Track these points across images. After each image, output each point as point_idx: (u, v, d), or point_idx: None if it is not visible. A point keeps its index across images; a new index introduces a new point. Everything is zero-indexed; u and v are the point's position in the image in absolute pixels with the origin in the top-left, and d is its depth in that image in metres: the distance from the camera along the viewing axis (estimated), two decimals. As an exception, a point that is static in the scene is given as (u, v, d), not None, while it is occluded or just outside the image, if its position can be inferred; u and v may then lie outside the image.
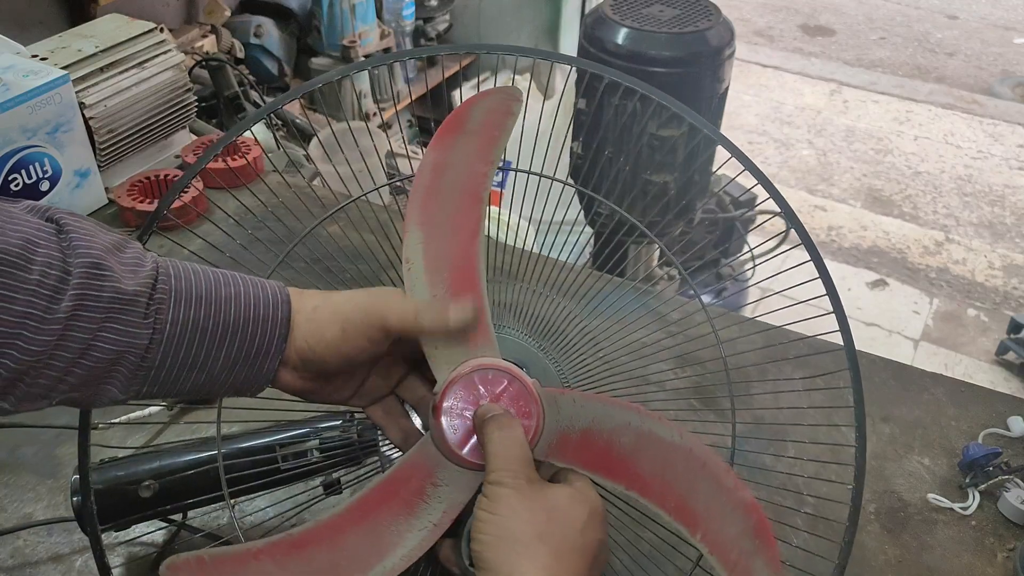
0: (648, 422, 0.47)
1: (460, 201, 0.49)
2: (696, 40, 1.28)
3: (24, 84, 0.85)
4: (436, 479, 0.46)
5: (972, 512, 0.69)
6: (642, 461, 0.47)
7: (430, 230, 0.48)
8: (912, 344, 2.19)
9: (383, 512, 0.45)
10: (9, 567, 0.63)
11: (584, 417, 0.47)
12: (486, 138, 0.51)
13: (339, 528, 0.45)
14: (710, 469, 0.46)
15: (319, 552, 0.45)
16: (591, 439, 0.47)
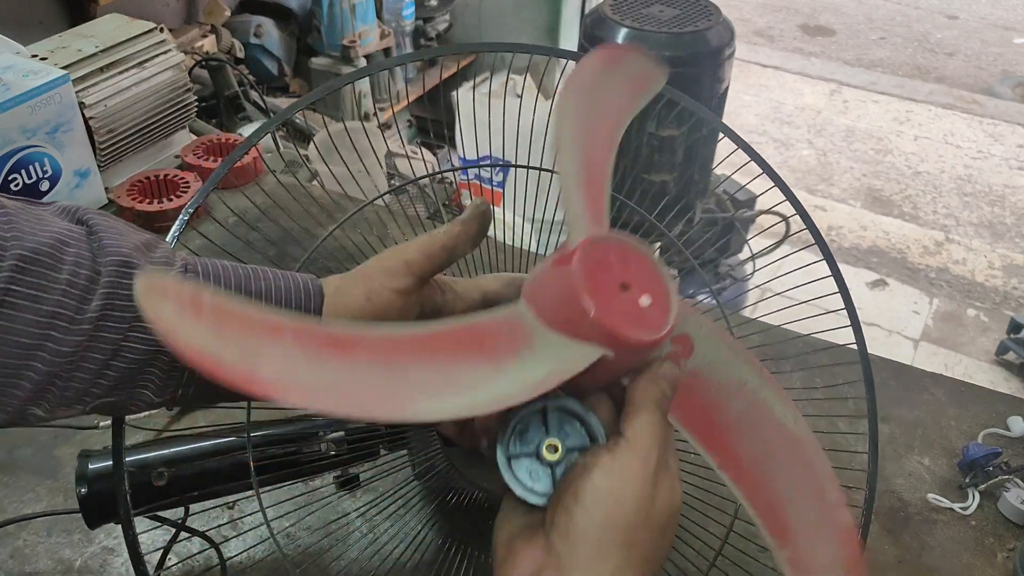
0: (766, 389, 0.39)
1: (606, 113, 0.44)
2: (696, 40, 1.28)
3: (24, 84, 0.85)
4: (534, 345, 0.35)
5: (972, 512, 0.69)
6: (746, 438, 0.38)
7: (580, 120, 0.42)
8: (912, 344, 2.19)
9: (458, 357, 0.34)
10: (9, 567, 0.63)
11: (701, 353, 0.39)
12: (632, 89, 0.46)
13: (396, 348, 0.33)
14: (816, 474, 0.39)
15: (367, 362, 0.32)
16: (697, 388, 0.38)
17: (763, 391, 0.39)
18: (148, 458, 0.54)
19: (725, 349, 0.39)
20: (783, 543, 0.38)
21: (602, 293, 0.34)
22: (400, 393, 0.32)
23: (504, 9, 2.30)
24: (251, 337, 0.30)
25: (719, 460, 0.38)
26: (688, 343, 0.39)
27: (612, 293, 0.35)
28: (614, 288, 0.35)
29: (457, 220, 0.44)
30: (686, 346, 0.38)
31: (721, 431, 0.38)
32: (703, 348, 0.39)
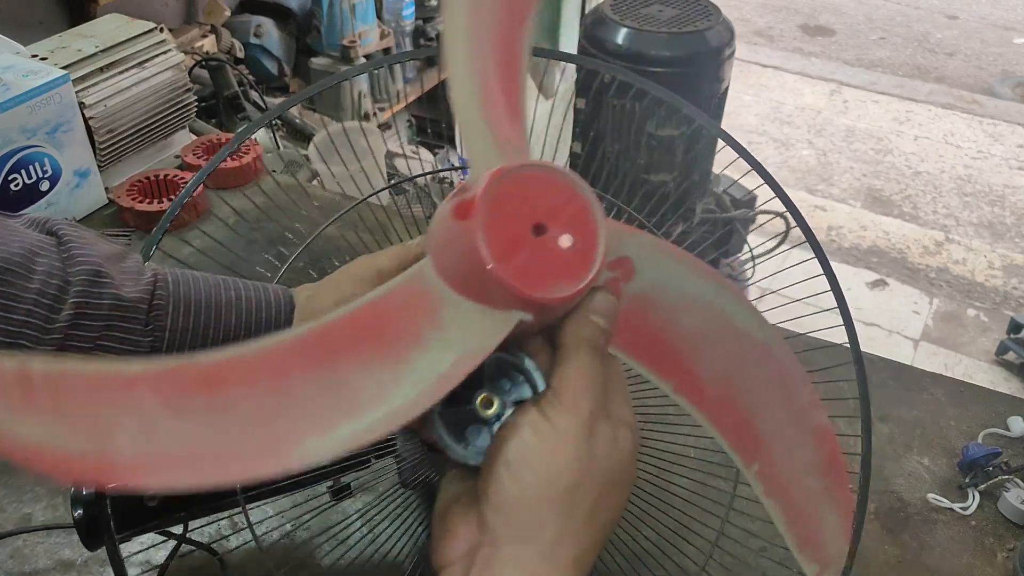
0: (724, 298, 0.35)
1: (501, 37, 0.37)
2: (696, 40, 1.28)
3: (24, 84, 0.85)
4: (440, 320, 0.30)
5: (972, 512, 0.69)
6: (704, 355, 0.34)
7: (476, 8, 0.36)
8: (912, 344, 2.19)
9: (351, 355, 0.29)
10: (9, 568, 0.63)
11: (646, 275, 0.34)
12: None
13: (279, 367, 0.28)
14: (786, 377, 0.35)
15: (242, 396, 0.27)
16: (645, 311, 0.34)
17: (720, 300, 0.35)
18: None
19: (672, 264, 0.35)
20: (752, 457, 0.34)
21: (509, 242, 0.29)
22: (283, 435, 0.27)
23: (504, 9, 2.29)
24: (101, 406, 0.25)
25: (675, 383, 0.34)
26: (628, 266, 0.34)
27: (522, 240, 0.29)
28: (525, 233, 0.29)
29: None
30: (626, 270, 0.34)
31: (674, 351, 0.34)
32: (647, 268, 0.34)
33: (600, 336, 0.32)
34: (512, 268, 0.29)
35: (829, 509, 0.36)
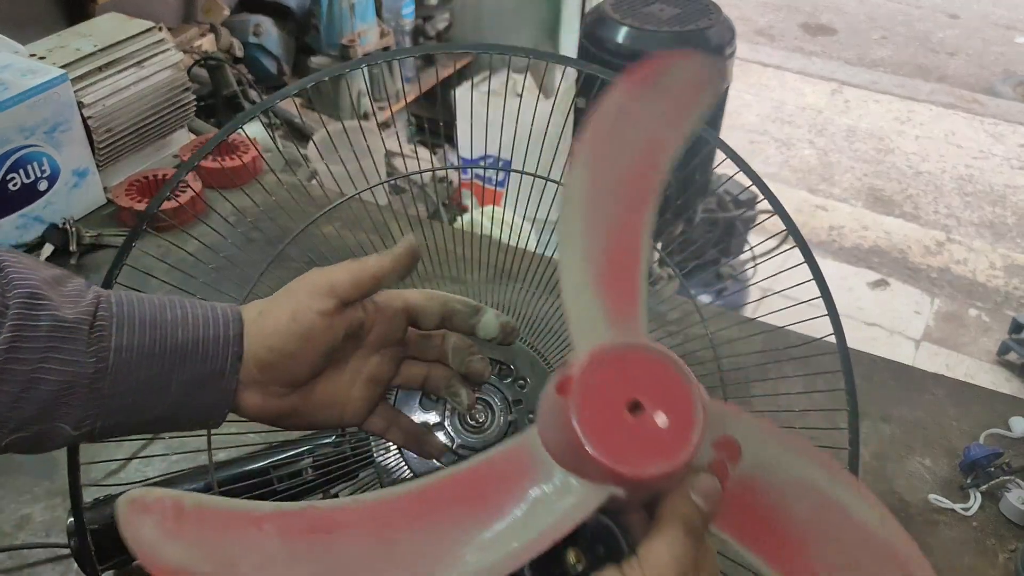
0: (839, 487, 0.33)
1: (637, 166, 0.39)
2: (696, 39, 1.28)
3: (22, 83, 0.85)
4: (539, 480, 0.32)
5: (973, 513, 0.69)
6: (819, 547, 0.32)
7: (600, 172, 0.38)
8: (913, 344, 2.19)
9: (453, 511, 0.32)
10: (8, 568, 0.63)
11: (752, 455, 0.34)
12: (676, 105, 0.41)
13: (387, 519, 0.32)
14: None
15: (351, 543, 0.31)
16: (753, 493, 0.33)
17: (835, 489, 0.33)
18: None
19: (780, 446, 0.34)
20: None
21: (604, 420, 0.31)
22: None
23: (504, 8, 2.29)
24: (231, 541, 0.30)
25: (785, 573, 0.32)
26: (734, 447, 0.34)
27: (618, 419, 0.31)
28: (620, 411, 0.31)
29: (388, 252, 0.44)
30: (732, 451, 0.34)
31: (787, 541, 0.32)
32: (754, 449, 0.34)
33: (697, 516, 0.32)
34: (606, 446, 0.30)
35: None
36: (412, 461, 0.53)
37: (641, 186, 0.39)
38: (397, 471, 0.54)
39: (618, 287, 0.37)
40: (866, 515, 0.33)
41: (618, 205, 0.39)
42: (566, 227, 0.38)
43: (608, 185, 0.39)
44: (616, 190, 0.39)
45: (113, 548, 0.55)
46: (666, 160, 0.40)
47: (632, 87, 0.41)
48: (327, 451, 0.56)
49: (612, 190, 0.39)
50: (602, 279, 0.37)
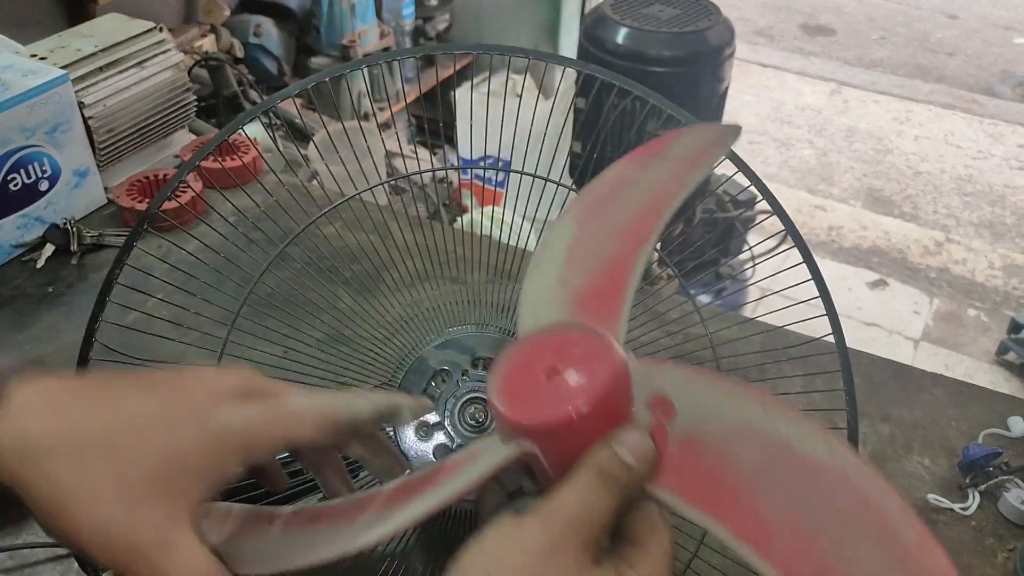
0: (783, 423, 0.31)
1: (635, 214, 0.39)
2: (696, 40, 1.28)
3: (23, 84, 0.85)
4: (466, 464, 0.35)
5: (972, 512, 0.69)
6: (768, 493, 0.30)
7: (586, 227, 0.39)
8: (912, 344, 2.19)
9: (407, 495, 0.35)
10: (8, 568, 0.63)
11: (690, 411, 0.32)
12: (686, 164, 0.41)
13: (360, 507, 0.36)
14: (877, 511, 0.29)
15: (328, 525, 0.36)
16: (695, 450, 0.31)
17: (776, 426, 0.31)
18: None
19: (711, 392, 0.33)
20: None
21: (519, 387, 0.32)
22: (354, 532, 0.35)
23: (504, 8, 2.29)
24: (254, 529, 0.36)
25: (736, 530, 0.29)
26: (666, 404, 0.33)
27: (533, 383, 0.32)
28: (537, 377, 0.32)
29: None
30: (664, 407, 0.33)
31: (734, 493, 0.30)
32: (688, 402, 0.32)
33: (618, 467, 0.30)
34: (512, 404, 0.32)
35: None
36: (412, 461, 0.53)
37: (639, 228, 0.39)
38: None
39: (593, 308, 0.37)
40: (811, 444, 0.30)
41: (609, 244, 0.39)
42: (539, 260, 0.38)
43: (598, 231, 0.39)
44: (609, 233, 0.39)
45: None
46: (669, 204, 0.39)
47: (632, 159, 0.42)
48: None
49: (603, 234, 0.39)
50: (575, 300, 0.38)
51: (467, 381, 0.54)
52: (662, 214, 0.39)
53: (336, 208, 0.58)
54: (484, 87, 2.00)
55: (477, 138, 1.68)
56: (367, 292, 0.60)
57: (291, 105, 1.64)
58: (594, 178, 0.41)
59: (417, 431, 0.54)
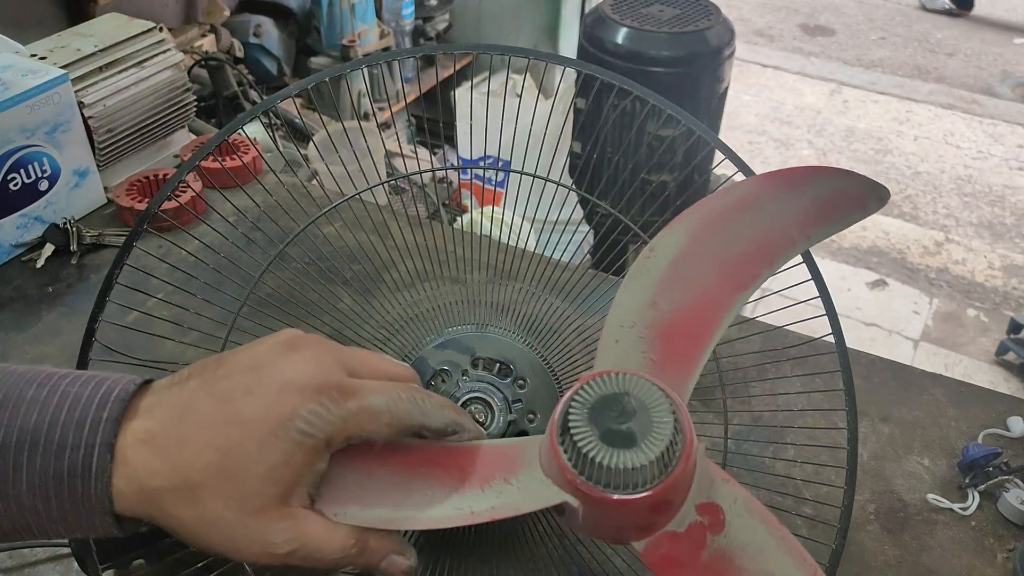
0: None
1: (745, 249, 0.39)
2: (696, 40, 1.28)
3: (23, 83, 0.85)
4: (513, 478, 0.36)
5: (972, 512, 0.69)
6: None
7: (694, 245, 0.39)
8: (912, 344, 2.19)
9: (431, 472, 0.37)
10: (8, 567, 0.63)
11: (735, 534, 0.33)
12: (818, 211, 0.40)
13: (381, 458, 0.37)
14: None
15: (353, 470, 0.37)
16: (723, 571, 0.33)
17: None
18: None
19: (766, 533, 0.33)
20: None
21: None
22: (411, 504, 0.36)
23: (503, 9, 2.29)
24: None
25: None
26: (717, 515, 0.33)
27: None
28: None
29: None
30: (715, 519, 0.33)
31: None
32: (738, 526, 0.33)
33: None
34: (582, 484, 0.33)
35: None
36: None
37: (744, 269, 0.38)
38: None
39: (674, 345, 0.37)
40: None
41: (710, 275, 0.38)
42: (637, 272, 0.38)
43: (705, 254, 0.38)
44: (714, 261, 0.38)
45: (114, 548, 0.55)
46: (781, 257, 0.39)
47: (771, 180, 0.41)
48: None
49: (709, 260, 0.38)
50: (659, 330, 0.38)
51: (467, 381, 0.54)
52: (774, 260, 0.39)
53: (336, 208, 0.58)
54: (484, 87, 1.99)
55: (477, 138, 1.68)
56: (367, 292, 0.60)
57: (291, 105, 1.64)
58: (718, 191, 0.40)
59: (417, 431, 0.54)
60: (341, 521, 0.34)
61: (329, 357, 0.35)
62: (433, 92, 2.10)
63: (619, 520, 0.33)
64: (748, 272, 0.39)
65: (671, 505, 0.33)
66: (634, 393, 0.34)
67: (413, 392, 0.37)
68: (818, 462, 0.67)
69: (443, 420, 0.38)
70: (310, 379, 0.34)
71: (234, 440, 0.32)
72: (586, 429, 0.33)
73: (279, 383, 0.33)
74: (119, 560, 0.56)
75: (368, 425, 0.35)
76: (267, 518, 0.33)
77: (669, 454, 0.32)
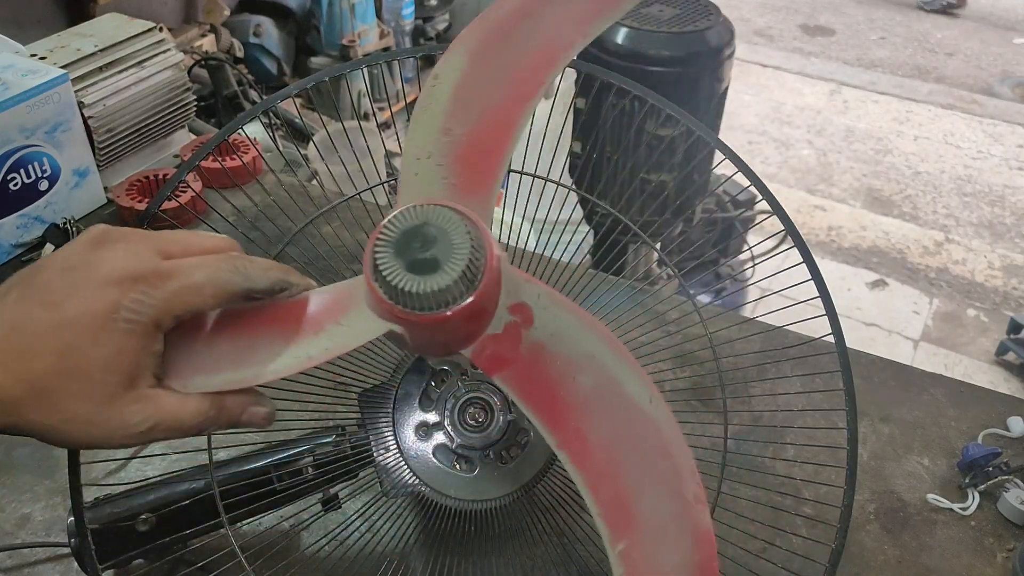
0: (620, 365, 0.36)
1: (529, 59, 0.40)
2: (696, 40, 1.28)
3: (23, 83, 0.85)
4: (343, 318, 0.38)
5: (971, 512, 0.69)
6: (593, 417, 0.35)
7: (477, 63, 0.39)
8: (912, 344, 2.19)
9: (267, 330, 0.38)
10: (8, 567, 0.63)
11: (544, 324, 0.36)
12: (592, 7, 0.41)
13: (217, 327, 0.39)
14: (674, 463, 0.34)
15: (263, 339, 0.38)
16: (542, 360, 0.36)
17: (614, 365, 0.36)
18: (130, 507, 0.55)
19: (572, 318, 0.36)
20: (620, 536, 0.33)
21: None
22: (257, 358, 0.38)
23: (504, 9, 2.29)
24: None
25: (560, 438, 0.34)
26: (526, 312, 0.37)
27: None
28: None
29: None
30: (525, 315, 0.36)
31: (565, 408, 0.35)
32: (545, 317, 0.36)
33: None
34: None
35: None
36: (412, 461, 0.54)
37: (529, 78, 0.40)
38: (396, 471, 0.54)
39: (472, 166, 0.39)
40: (639, 392, 0.35)
41: (497, 91, 0.40)
42: (426, 101, 0.39)
43: (489, 72, 0.40)
44: (498, 77, 0.40)
45: (114, 547, 0.55)
46: (564, 55, 0.40)
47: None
48: (327, 450, 0.56)
49: (493, 77, 0.40)
50: (455, 154, 0.39)
51: (466, 381, 0.54)
52: (556, 65, 0.40)
53: (335, 208, 0.58)
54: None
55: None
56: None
57: (291, 105, 1.65)
58: (495, 3, 0.41)
59: (416, 431, 0.54)
60: (191, 391, 0.37)
61: (142, 245, 0.37)
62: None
63: (442, 336, 0.36)
64: (533, 81, 0.40)
65: (484, 312, 0.36)
66: (433, 221, 0.36)
67: (233, 261, 0.38)
68: (818, 462, 0.67)
69: (269, 280, 0.38)
70: (126, 270, 0.35)
71: (67, 341, 0.34)
72: (392, 264, 0.35)
73: (97, 279, 0.35)
74: (119, 560, 0.56)
75: (192, 300, 0.36)
76: (119, 403, 0.35)
77: (471, 271, 0.35)
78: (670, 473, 0.34)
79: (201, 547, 0.58)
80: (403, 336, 0.36)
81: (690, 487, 0.34)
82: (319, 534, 0.60)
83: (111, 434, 0.35)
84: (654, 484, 0.34)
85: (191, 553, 0.59)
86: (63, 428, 0.34)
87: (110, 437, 0.35)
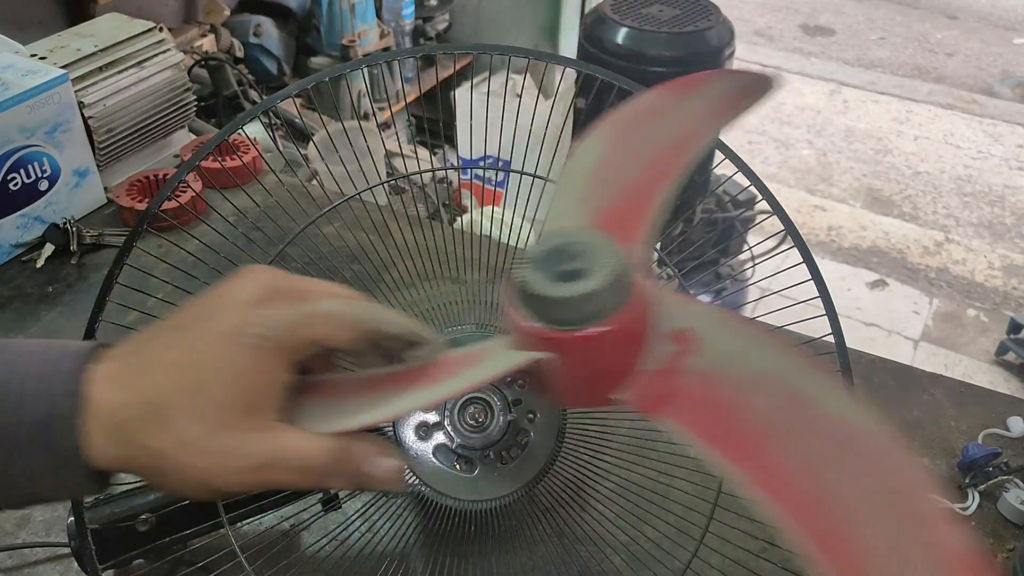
0: (807, 376, 0.30)
1: (664, 145, 0.39)
2: (696, 40, 1.28)
3: (23, 83, 0.85)
4: (478, 363, 0.36)
5: (971, 512, 0.69)
6: (785, 442, 0.29)
7: (615, 149, 0.39)
8: (912, 344, 2.19)
9: (398, 388, 0.37)
10: (8, 567, 0.63)
11: (715, 350, 0.32)
12: (721, 105, 0.41)
13: (351, 388, 0.37)
14: (895, 478, 0.28)
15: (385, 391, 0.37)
16: (713, 389, 0.31)
17: (803, 379, 0.30)
18: (130, 506, 0.55)
19: (742, 337, 0.32)
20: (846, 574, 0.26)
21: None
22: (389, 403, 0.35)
23: (503, 9, 2.30)
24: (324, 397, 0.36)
25: (750, 473, 0.28)
26: (690, 339, 0.32)
27: None
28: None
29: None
30: (688, 343, 0.32)
31: (748, 437, 0.29)
32: (713, 341, 0.32)
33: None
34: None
35: None
36: (412, 461, 0.54)
37: (666, 160, 0.39)
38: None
39: (616, 232, 0.36)
40: (838, 405, 0.29)
41: (635, 171, 0.39)
42: (564, 180, 0.39)
43: (626, 156, 0.39)
44: (636, 161, 0.39)
45: (114, 548, 0.55)
46: (696, 148, 0.40)
47: (672, 89, 0.42)
48: None
49: (631, 160, 0.39)
50: (597, 222, 0.38)
51: (467, 381, 0.54)
52: (691, 151, 0.39)
53: (336, 208, 0.58)
54: (484, 87, 1.99)
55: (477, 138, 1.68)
56: (367, 292, 0.60)
57: (291, 105, 1.64)
58: (627, 102, 0.41)
59: (417, 431, 0.54)
60: (318, 431, 0.34)
61: (277, 273, 0.35)
62: (433, 92, 2.10)
63: (593, 366, 0.32)
64: (671, 164, 0.39)
65: (640, 337, 0.32)
66: (578, 240, 0.33)
67: (366, 301, 0.36)
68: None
69: (401, 326, 0.36)
70: (260, 290, 0.34)
71: (193, 357, 0.32)
72: (535, 276, 0.33)
73: (230, 303, 0.33)
74: (119, 560, 0.56)
75: (325, 326, 0.33)
76: (239, 430, 0.32)
77: (621, 281, 0.31)
78: (893, 489, 0.28)
79: (201, 547, 0.58)
80: (548, 367, 0.32)
81: (921, 502, 0.27)
82: (319, 534, 0.60)
83: (225, 463, 0.31)
84: (876, 505, 0.27)
85: (191, 553, 0.59)
86: (173, 454, 0.31)
87: (223, 466, 0.31)
